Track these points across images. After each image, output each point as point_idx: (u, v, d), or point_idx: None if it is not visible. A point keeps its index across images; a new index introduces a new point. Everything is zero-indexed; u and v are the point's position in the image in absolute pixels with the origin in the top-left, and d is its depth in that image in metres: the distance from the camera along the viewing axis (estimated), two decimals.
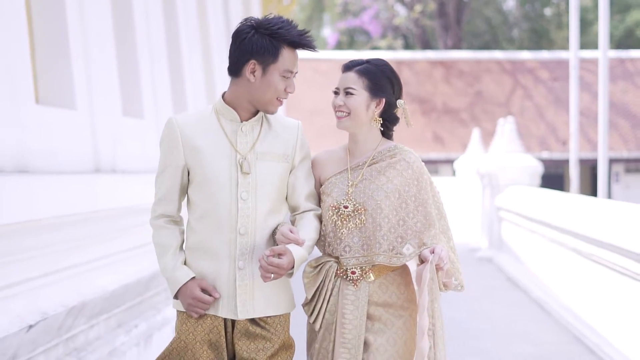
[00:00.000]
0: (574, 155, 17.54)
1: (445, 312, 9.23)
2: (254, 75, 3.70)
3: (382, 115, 3.95)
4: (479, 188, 17.48)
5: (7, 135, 5.60)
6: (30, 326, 4.98)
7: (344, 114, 3.88)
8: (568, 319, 9.41)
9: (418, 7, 36.05)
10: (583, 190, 27.17)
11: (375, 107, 3.90)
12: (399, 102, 4.01)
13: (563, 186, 27.29)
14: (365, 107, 3.87)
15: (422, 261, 3.80)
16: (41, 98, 6.76)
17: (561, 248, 10.33)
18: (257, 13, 17.32)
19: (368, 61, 3.95)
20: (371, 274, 3.85)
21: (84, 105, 7.13)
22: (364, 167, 3.91)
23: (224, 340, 3.79)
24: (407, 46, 40.08)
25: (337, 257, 3.88)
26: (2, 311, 4.85)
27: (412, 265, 3.93)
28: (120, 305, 6.72)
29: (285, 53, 3.71)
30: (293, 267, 3.68)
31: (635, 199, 26.52)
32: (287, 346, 3.87)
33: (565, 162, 24.91)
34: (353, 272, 3.84)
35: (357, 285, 3.84)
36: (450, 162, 26.96)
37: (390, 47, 37.72)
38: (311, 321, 3.92)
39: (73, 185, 6.14)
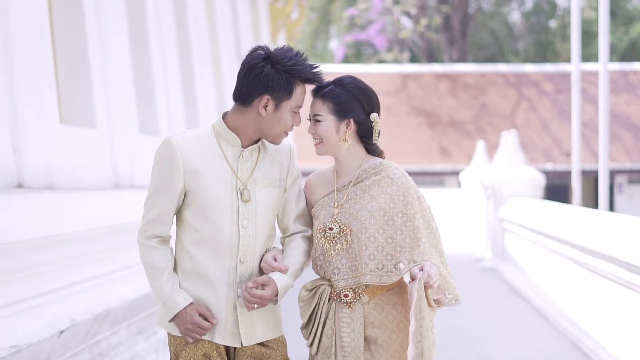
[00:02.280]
0: (576, 167, 17.85)
1: (448, 319, 9.67)
2: (266, 110, 3.66)
3: (358, 132, 3.83)
4: (483, 199, 17.82)
5: (36, 154, 5.99)
6: (62, 331, 5.38)
7: (318, 140, 3.83)
8: (566, 325, 9.72)
9: (424, 21, 36.40)
10: (586, 202, 27.48)
11: (346, 127, 3.79)
12: (372, 116, 3.83)
13: (567, 197, 27.58)
14: (334, 131, 3.79)
15: (412, 279, 3.73)
16: (64, 118, 7.15)
17: (560, 258, 10.65)
18: (265, 28, 17.66)
19: (333, 82, 3.83)
20: (365, 295, 3.80)
21: (104, 123, 7.52)
22: (349, 187, 3.85)
23: None
24: (413, 59, 40.39)
25: (329, 280, 3.85)
26: (36, 318, 5.26)
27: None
28: (140, 313, 7.11)
29: (299, 89, 3.69)
30: (277, 295, 3.69)
31: (638, 210, 26.84)
32: None
33: (569, 174, 25.20)
34: (346, 295, 3.80)
35: (351, 308, 3.80)
36: (455, 174, 27.26)
37: (396, 61, 38.08)
38: (308, 345, 3.90)
39: (97, 200, 6.55)
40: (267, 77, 3.62)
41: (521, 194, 16.39)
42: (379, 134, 3.86)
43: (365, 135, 3.85)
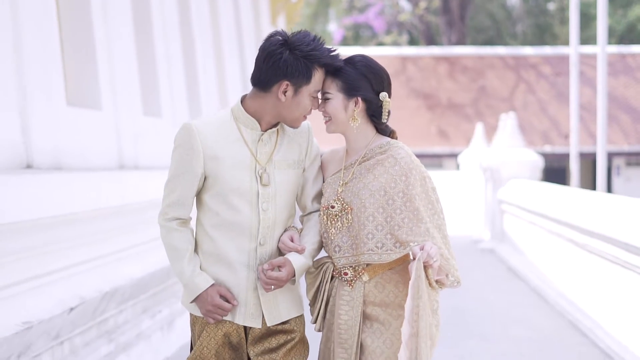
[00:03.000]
0: (574, 149, 17.97)
1: (448, 299, 9.81)
2: (285, 95, 3.67)
3: (368, 111, 3.84)
4: (482, 182, 17.94)
5: (44, 136, 6.10)
6: (72, 309, 5.50)
7: (327, 118, 3.84)
8: (564, 305, 9.87)
9: (422, 4, 36.46)
10: (584, 183, 27.64)
11: (354, 106, 3.80)
12: (381, 95, 3.83)
13: (565, 179, 27.70)
14: (343, 108, 3.80)
15: (413, 258, 3.70)
16: (71, 100, 7.26)
17: (558, 239, 10.77)
18: (265, 11, 17.73)
19: (344, 61, 3.83)
20: (365, 274, 3.81)
21: (109, 106, 7.62)
22: (354, 165, 3.87)
23: (245, 343, 3.83)
24: (412, 42, 40.46)
25: (330, 258, 3.88)
26: (47, 295, 5.39)
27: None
28: (146, 292, 7.24)
29: (317, 74, 3.70)
30: (294, 275, 3.73)
31: (635, 192, 26.98)
32: (304, 342, 3.91)
33: (567, 156, 25.33)
34: (345, 273, 3.82)
35: (352, 286, 3.82)
36: (454, 156, 27.38)
37: (395, 43, 38.16)
38: (312, 322, 3.94)
39: (103, 181, 6.66)
40: (286, 63, 3.62)
41: (519, 176, 16.53)
42: (388, 113, 3.87)
43: (375, 115, 3.85)
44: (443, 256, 3.76)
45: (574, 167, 17.92)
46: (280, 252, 3.81)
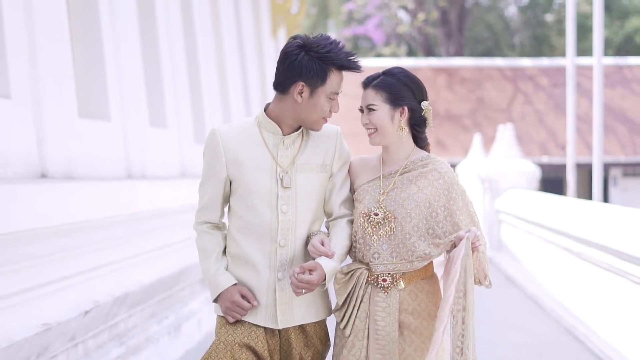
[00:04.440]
0: (570, 159, 18.11)
1: None
2: (302, 97, 3.73)
3: (410, 121, 3.91)
4: (480, 192, 18.12)
5: (57, 146, 6.32)
6: (86, 312, 5.72)
7: (372, 130, 3.87)
8: (559, 312, 10.06)
9: (421, 15, 36.63)
10: (581, 194, 27.77)
11: (400, 116, 3.86)
12: (423, 104, 3.92)
13: (562, 190, 27.85)
14: (389, 119, 3.85)
15: (455, 245, 3.79)
16: (82, 112, 7.47)
17: (555, 248, 10.93)
18: (266, 23, 17.94)
19: (384, 73, 3.92)
20: (402, 282, 3.85)
21: (117, 117, 7.84)
22: (395, 175, 3.91)
23: (267, 348, 3.82)
24: (411, 53, 40.61)
25: (367, 264, 3.89)
26: (63, 299, 5.61)
27: (440, 271, 3.97)
28: (154, 298, 7.44)
29: (333, 76, 3.75)
30: (325, 280, 3.74)
31: (632, 202, 27.13)
32: (325, 342, 3.97)
33: (564, 167, 25.49)
34: (384, 280, 3.84)
35: (387, 293, 3.85)
36: (452, 166, 27.43)
37: (393, 55, 38.34)
38: (342, 327, 3.92)
39: (113, 190, 6.88)
40: (300, 64, 3.69)
41: (517, 186, 16.69)
42: (428, 122, 3.96)
43: (418, 124, 3.93)
44: (484, 254, 3.83)
45: (571, 178, 18.06)
46: (304, 255, 3.85)
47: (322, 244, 3.77)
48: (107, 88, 7.69)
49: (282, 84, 3.76)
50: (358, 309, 3.88)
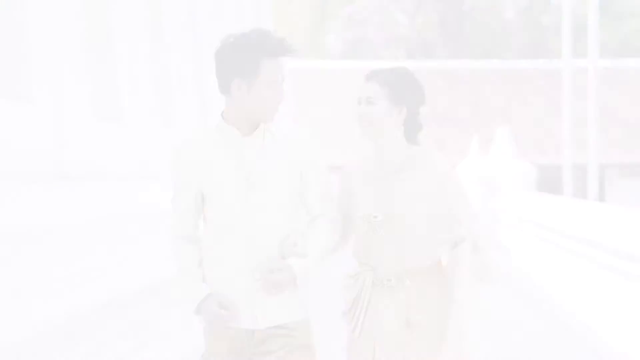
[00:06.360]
0: (567, 160, 18.24)
1: None
2: (241, 93, 3.64)
3: (406, 123, 3.86)
4: (479, 192, 18.24)
5: (76, 148, 6.59)
6: (104, 305, 5.97)
7: (366, 122, 3.83)
8: (556, 309, 10.27)
9: (420, 18, 36.65)
10: (578, 194, 27.89)
11: (397, 115, 3.82)
12: (422, 110, 3.89)
13: (559, 190, 27.91)
14: (387, 115, 3.81)
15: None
16: (98, 115, 7.72)
17: (551, 246, 11.11)
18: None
19: (390, 70, 3.86)
20: (407, 280, 3.82)
21: (131, 119, 8.09)
22: (392, 175, 3.86)
23: (248, 349, 3.77)
24: (409, 56, 40.68)
25: (371, 266, 3.86)
26: (85, 292, 5.85)
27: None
28: (157, 296, 7.63)
29: (267, 65, 3.65)
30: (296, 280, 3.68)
31: (628, 202, 27.25)
32: (309, 347, 3.83)
33: (561, 167, 25.58)
34: (389, 280, 3.82)
35: (393, 293, 3.83)
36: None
37: (392, 57, 38.39)
38: (351, 330, 3.90)
39: (129, 188, 7.12)
40: (230, 61, 3.63)
41: (515, 186, 16.81)
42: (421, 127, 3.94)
43: (411, 126, 3.89)
44: (485, 252, 3.93)
45: (567, 178, 18.15)
46: (279, 255, 3.74)
47: (295, 244, 3.72)
48: (121, 92, 7.90)
49: (222, 85, 3.70)
50: (366, 311, 3.86)
